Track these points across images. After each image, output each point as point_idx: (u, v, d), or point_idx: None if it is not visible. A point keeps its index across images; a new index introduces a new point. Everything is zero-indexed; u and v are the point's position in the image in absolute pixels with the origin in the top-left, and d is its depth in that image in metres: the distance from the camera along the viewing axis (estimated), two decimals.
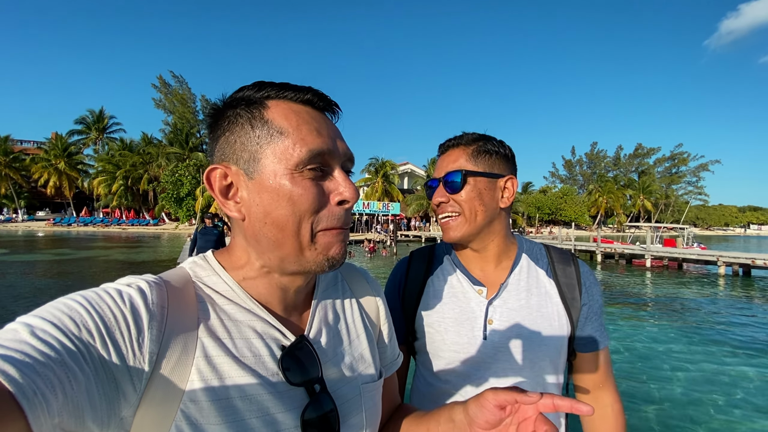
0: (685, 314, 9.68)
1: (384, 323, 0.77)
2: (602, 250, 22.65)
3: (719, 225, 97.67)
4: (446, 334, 0.97)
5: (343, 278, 0.74)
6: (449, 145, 1.02)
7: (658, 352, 6.67)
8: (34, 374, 0.35)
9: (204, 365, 0.50)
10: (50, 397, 0.35)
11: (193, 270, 0.58)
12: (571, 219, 56.66)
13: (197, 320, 0.52)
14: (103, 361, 0.42)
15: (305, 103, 0.56)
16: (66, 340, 0.40)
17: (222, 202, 0.56)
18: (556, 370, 0.98)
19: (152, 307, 0.48)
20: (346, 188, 0.55)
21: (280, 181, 0.52)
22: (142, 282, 0.50)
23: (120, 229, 41.96)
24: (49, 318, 0.41)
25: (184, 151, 45.12)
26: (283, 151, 0.52)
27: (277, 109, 0.54)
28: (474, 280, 1.01)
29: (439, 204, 0.99)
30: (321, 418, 0.56)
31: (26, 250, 22.46)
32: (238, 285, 0.58)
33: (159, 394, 0.47)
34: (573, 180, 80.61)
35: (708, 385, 5.30)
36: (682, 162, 75.33)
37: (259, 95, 0.55)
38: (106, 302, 0.45)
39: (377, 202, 38.96)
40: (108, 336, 0.43)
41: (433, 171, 1.05)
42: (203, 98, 52.61)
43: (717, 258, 17.65)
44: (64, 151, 46.00)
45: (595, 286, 1.02)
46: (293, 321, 0.62)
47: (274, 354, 0.55)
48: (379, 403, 0.68)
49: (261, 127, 0.53)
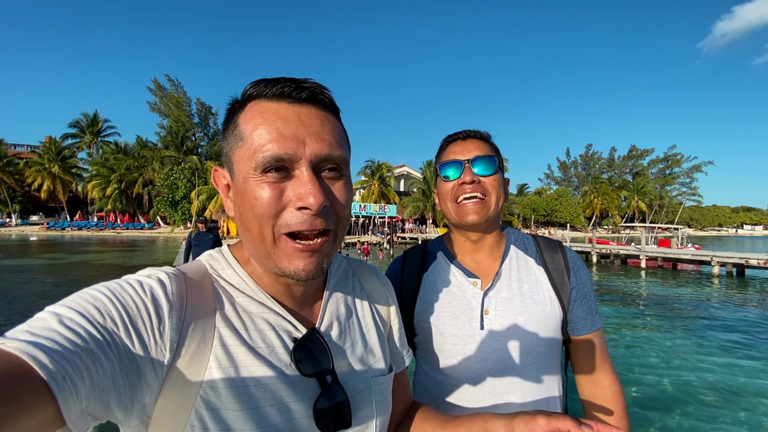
0: (679, 312, 9.75)
1: (395, 319, 0.78)
2: (598, 251, 22.79)
3: (713, 225, 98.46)
4: (444, 328, 0.98)
5: (354, 274, 0.75)
6: (470, 134, 1.03)
7: (652, 349, 6.71)
8: (64, 360, 0.37)
9: (221, 354, 0.52)
10: (78, 382, 0.37)
11: (209, 263, 0.60)
12: (566, 220, 56.94)
13: (214, 310, 0.54)
14: (127, 348, 0.44)
15: (280, 98, 0.53)
16: (92, 329, 0.41)
17: (225, 201, 0.60)
18: (552, 355, 1.00)
19: (172, 297, 0.50)
20: (308, 193, 0.51)
21: (244, 185, 0.53)
22: (162, 273, 0.53)
23: (114, 233, 41.65)
24: (76, 307, 0.43)
25: (180, 154, 44.83)
26: (242, 156, 0.53)
27: (249, 111, 0.54)
28: (468, 273, 1.02)
29: (467, 183, 0.98)
30: (333, 408, 0.57)
31: (20, 254, 22.23)
32: (251, 278, 0.60)
33: (179, 381, 0.49)
34: (568, 182, 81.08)
35: (708, 384, 5.35)
36: (676, 163, 76.08)
37: (248, 94, 0.56)
38: (129, 293, 0.47)
39: (373, 205, 38.90)
40: (131, 325, 0.45)
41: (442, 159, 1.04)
42: (198, 101, 52.46)
43: (711, 258, 17.80)
44: (58, 155, 45.63)
45: (583, 270, 1.05)
46: (304, 314, 0.63)
47: (286, 345, 0.57)
48: (389, 396, 0.69)
49: (232, 132, 0.55)
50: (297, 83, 0.54)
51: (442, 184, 1.03)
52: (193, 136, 49.52)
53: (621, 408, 1.00)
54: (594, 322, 1.02)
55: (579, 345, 1.03)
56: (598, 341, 1.03)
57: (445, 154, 1.04)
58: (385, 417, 0.67)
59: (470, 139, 1.03)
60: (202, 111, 52.84)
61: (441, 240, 1.14)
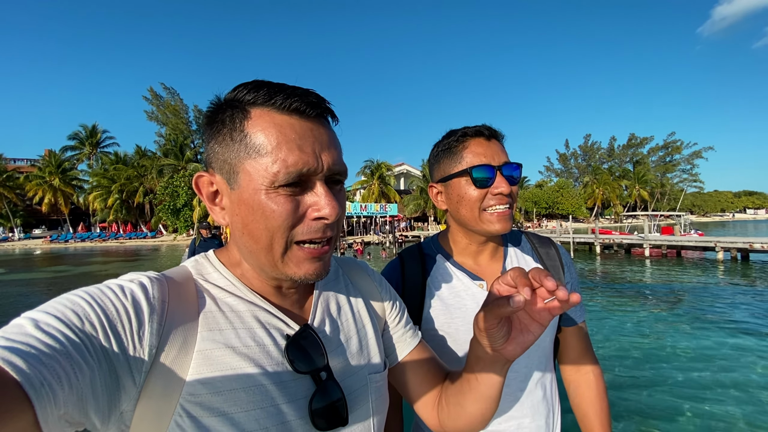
0: (685, 300, 9.72)
1: (391, 311, 0.76)
2: (601, 242, 22.74)
3: (715, 211, 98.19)
4: (458, 335, 0.96)
5: (343, 272, 0.74)
6: (493, 134, 0.97)
7: (660, 339, 6.70)
8: (41, 365, 0.36)
9: (204, 358, 0.50)
10: (56, 387, 0.36)
11: (194, 268, 0.59)
12: (568, 212, 56.84)
13: (197, 314, 0.53)
14: (106, 353, 0.43)
15: (292, 113, 0.53)
16: (70, 333, 0.40)
17: (210, 208, 0.57)
18: (551, 346, 1.05)
19: (153, 301, 0.49)
20: (326, 205, 0.53)
21: (256, 196, 0.52)
22: (143, 277, 0.51)
23: (118, 243, 41.75)
24: (53, 312, 0.42)
25: (180, 162, 44.92)
26: (260, 169, 0.51)
27: (259, 121, 0.52)
28: (472, 276, 1.01)
29: (503, 193, 0.92)
30: (329, 407, 0.56)
31: (24, 268, 22.29)
32: (239, 280, 0.59)
33: (158, 388, 0.47)
34: (568, 173, 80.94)
35: (720, 372, 5.32)
36: (676, 150, 75.81)
37: (247, 99, 0.53)
38: (108, 296, 0.46)
39: (374, 204, 38.92)
40: (110, 328, 0.44)
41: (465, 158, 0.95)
42: (196, 108, 52.45)
43: (715, 244, 17.76)
44: (58, 168, 45.71)
45: (572, 265, 1.10)
46: (296, 312, 0.62)
47: (278, 343, 0.56)
48: (385, 393, 0.69)
49: (240, 141, 0.52)
50: (307, 100, 0.53)
51: (469, 189, 0.94)
52: (192, 144, 49.55)
53: (603, 390, 1.08)
54: (582, 313, 1.09)
55: (568, 335, 1.09)
56: (584, 330, 1.10)
57: (470, 152, 0.94)
58: (381, 415, 0.66)
59: (494, 141, 0.96)
60: (200, 118, 52.10)
61: (437, 240, 1.10)
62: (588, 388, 1.08)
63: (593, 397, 1.07)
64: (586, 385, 1.08)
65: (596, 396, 1.07)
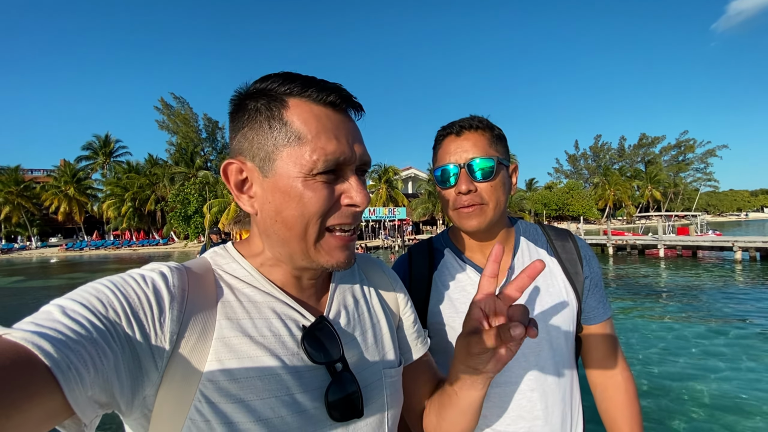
0: (707, 303, 9.47)
1: (405, 311, 0.77)
2: (613, 243, 22.37)
3: (731, 210, 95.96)
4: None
5: (359, 268, 0.75)
6: (464, 127, 0.94)
7: (680, 344, 6.52)
8: (68, 350, 0.37)
9: (222, 345, 0.51)
10: (83, 371, 0.37)
11: (213, 259, 0.61)
12: (578, 213, 56.11)
13: (216, 303, 0.54)
14: (129, 339, 0.44)
15: (327, 105, 0.55)
16: (95, 319, 0.42)
17: (237, 196, 0.57)
18: (569, 346, 0.99)
19: (173, 289, 0.50)
20: (358, 193, 0.56)
21: (293, 183, 0.53)
22: (164, 267, 0.53)
23: (131, 251, 42.37)
24: (79, 299, 0.43)
25: (191, 170, 45.63)
26: (299, 157, 0.53)
27: (298, 111, 0.54)
28: (480, 269, 0.99)
29: (462, 193, 0.92)
30: (345, 399, 0.56)
31: (41, 276, 22.77)
32: (257, 270, 0.60)
33: (179, 374, 0.48)
34: (578, 174, 79.98)
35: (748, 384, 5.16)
36: (689, 149, 74.46)
37: (282, 89, 0.54)
38: (131, 285, 0.48)
39: (383, 208, 38.95)
40: (133, 316, 0.45)
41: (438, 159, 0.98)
42: (205, 117, 53.44)
43: (732, 243, 17.33)
44: (73, 177, 46.71)
45: (594, 258, 1.04)
46: (312, 304, 0.63)
47: (293, 334, 0.56)
48: (400, 389, 0.69)
49: (279, 129, 0.53)
50: (340, 94, 0.56)
51: (440, 190, 0.98)
52: (202, 151, 50.36)
53: (633, 394, 1.01)
54: (606, 311, 1.02)
55: (591, 334, 1.02)
56: (609, 329, 1.03)
57: (440, 153, 0.97)
58: (396, 410, 0.67)
59: (466, 134, 0.94)
60: (210, 126, 53.80)
61: (446, 235, 1.09)
62: (616, 390, 1.01)
63: (622, 402, 1.00)
64: (614, 387, 1.01)
65: (625, 400, 1.00)
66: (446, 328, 0.96)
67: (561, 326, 0.95)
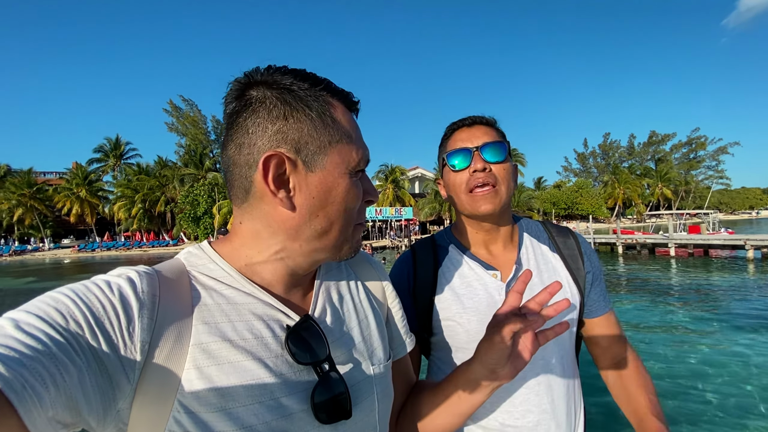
0: (719, 303, 9.34)
1: (393, 304, 0.77)
2: (623, 242, 22.13)
3: (743, 208, 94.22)
4: (469, 325, 0.95)
5: (345, 262, 0.73)
6: (476, 120, 1.01)
7: (692, 346, 6.46)
8: (22, 368, 0.34)
9: (200, 352, 0.49)
10: (41, 390, 0.35)
11: (187, 260, 0.57)
12: (588, 212, 55.53)
13: (191, 307, 0.51)
14: (94, 351, 0.41)
15: (350, 108, 0.60)
16: (54, 333, 0.39)
17: (272, 191, 0.53)
18: (571, 341, 1.02)
19: (142, 295, 0.47)
20: (373, 189, 0.62)
21: (341, 179, 0.55)
22: (131, 272, 0.50)
23: (141, 252, 42.89)
24: (35, 311, 0.40)
25: (200, 171, 46.10)
26: (347, 154, 0.56)
27: (340, 111, 0.57)
28: (486, 265, 1.00)
29: (478, 171, 0.95)
30: (332, 400, 0.54)
31: (54, 277, 23.20)
32: (237, 271, 0.57)
33: (154, 385, 0.46)
34: (587, 173, 79.17)
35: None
36: (700, 146, 73.33)
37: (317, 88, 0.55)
38: (94, 293, 0.45)
39: (389, 208, 38.97)
40: (97, 326, 0.42)
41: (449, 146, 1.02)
42: (214, 118, 53.91)
43: (744, 242, 17.05)
44: (85, 180, 47.47)
45: (594, 254, 1.07)
46: (297, 303, 0.61)
47: (277, 335, 0.54)
48: (390, 384, 0.68)
49: (332, 125, 0.55)
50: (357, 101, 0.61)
51: (451, 175, 1.00)
52: (211, 153, 50.82)
53: (649, 379, 1.02)
54: (607, 303, 1.05)
55: (596, 326, 1.05)
56: (614, 320, 1.06)
57: (452, 142, 1.01)
58: (386, 407, 0.66)
59: (477, 126, 1.00)
60: (218, 128, 54.20)
61: (450, 232, 1.10)
62: (630, 378, 1.03)
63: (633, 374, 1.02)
64: (629, 377, 1.03)
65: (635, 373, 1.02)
66: (453, 324, 0.96)
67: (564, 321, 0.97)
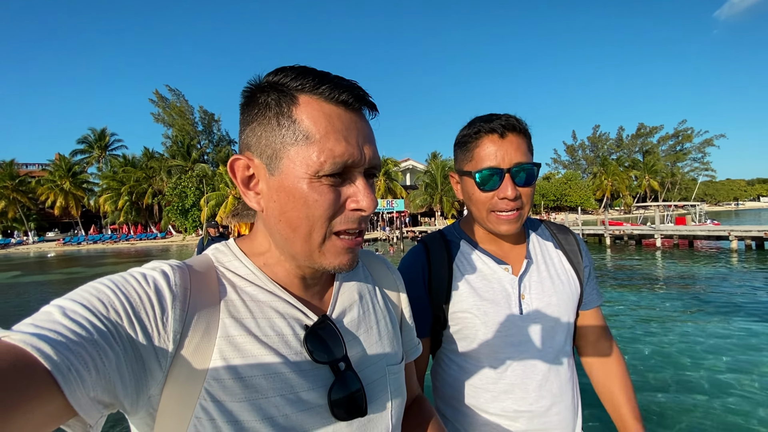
0: (701, 292, 9.56)
1: (406, 308, 0.78)
2: (611, 233, 22.47)
3: (728, 200, 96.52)
4: (486, 317, 0.98)
5: (363, 264, 0.75)
6: (507, 127, 0.92)
7: (676, 334, 6.59)
8: (68, 351, 0.37)
9: (226, 344, 0.51)
10: (84, 372, 0.37)
11: (215, 256, 0.60)
12: (576, 204, 56.27)
13: (219, 301, 0.54)
14: (131, 339, 0.44)
15: (339, 104, 0.54)
16: (96, 320, 0.42)
17: (243, 192, 0.57)
18: (572, 330, 1.08)
19: (175, 288, 0.50)
20: (364, 197, 0.54)
21: (298, 184, 0.52)
22: (165, 266, 0.53)
23: (129, 245, 42.35)
24: (80, 300, 0.43)
25: (187, 162, 45.43)
26: (306, 157, 0.51)
27: (308, 108, 0.52)
28: (498, 260, 1.03)
29: (509, 198, 0.91)
30: (348, 398, 0.56)
31: (39, 271, 22.71)
32: (259, 269, 0.59)
33: (183, 373, 0.48)
34: (576, 165, 79.99)
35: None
36: (687, 139, 74.48)
37: (293, 84, 0.53)
38: (132, 284, 0.47)
39: (381, 200, 38.97)
40: (134, 316, 0.45)
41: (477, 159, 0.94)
42: (201, 109, 53.04)
43: (728, 233, 17.44)
44: (69, 171, 46.38)
45: (587, 251, 1.15)
46: (315, 303, 0.63)
47: (296, 333, 0.56)
48: (403, 385, 0.70)
49: (288, 126, 0.52)
50: (354, 93, 0.54)
51: (475, 190, 0.95)
52: (198, 144, 50.06)
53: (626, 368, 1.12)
54: (599, 297, 1.13)
55: (587, 318, 1.12)
56: (600, 314, 1.14)
57: (479, 152, 0.93)
58: (399, 406, 0.67)
59: (510, 135, 0.92)
60: (206, 118, 53.42)
61: (459, 227, 1.12)
62: (612, 366, 1.11)
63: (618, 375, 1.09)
64: (610, 364, 1.11)
65: (618, 371, 1.09)
66: (470, 316, 0.99)
67: (570, 312, 1.03)
